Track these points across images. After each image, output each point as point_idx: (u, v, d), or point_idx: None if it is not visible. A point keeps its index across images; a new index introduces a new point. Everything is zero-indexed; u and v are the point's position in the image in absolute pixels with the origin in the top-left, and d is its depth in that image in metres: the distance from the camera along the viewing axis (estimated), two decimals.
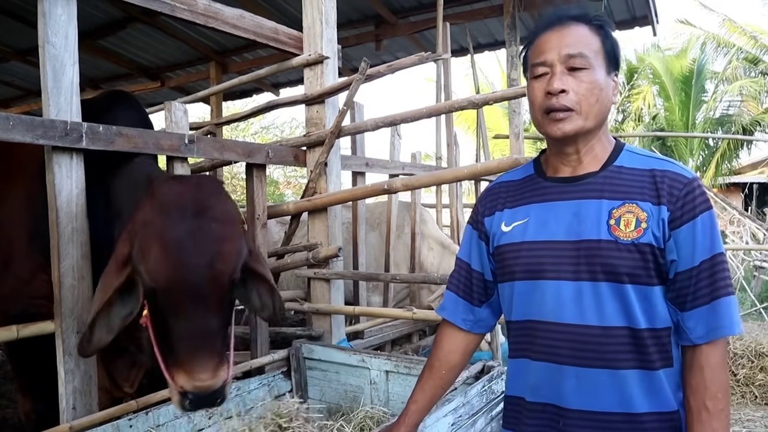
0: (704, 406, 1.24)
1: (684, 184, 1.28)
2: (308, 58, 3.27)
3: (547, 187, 1.42)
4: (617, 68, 1.38)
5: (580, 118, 1.32)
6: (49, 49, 2.17)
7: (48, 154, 2.18)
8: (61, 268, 2.18)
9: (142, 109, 2.70)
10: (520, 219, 1.43)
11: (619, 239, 1.28)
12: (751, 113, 16.84)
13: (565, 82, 1.31)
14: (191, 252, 1.58)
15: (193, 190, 1.70)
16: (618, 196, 1.32)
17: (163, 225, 1.61)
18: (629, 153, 1.39)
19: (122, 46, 7.39)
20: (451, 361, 1.59)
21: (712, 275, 1.26)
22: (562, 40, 1.33)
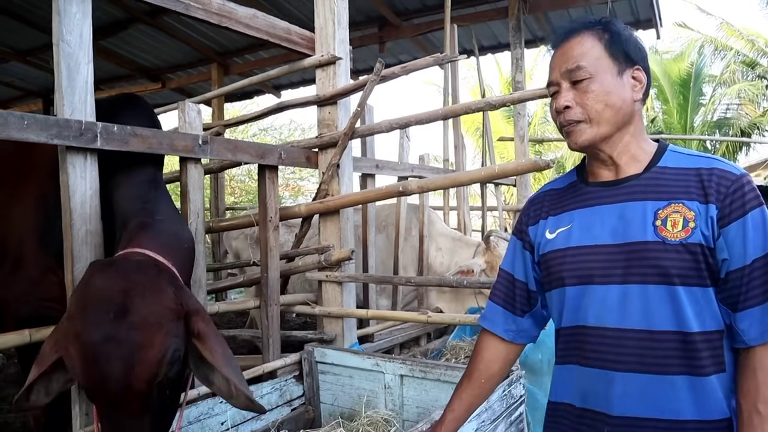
0: (756, 410, 1.19)
1: (732, 181, 1.25)
2: (320, 59, 3.23)
3: (590, 192, 1.41)
4: (634, 63, 1.35)
5: (592, 128, 1.32)
6: (64, 48, 2.13)
7: (62, 155, 2.13)
8: (75, 271, 2.13)
9: (152, 112, 2.65)
10: (564, 225, 1.42)
11: (667, 240, 1.25)
12: (748, 116, 16.88)
13: (567, 98, 1.33)
14: (106, 360, 1.48)
15: (122, 285, 1.58)
16: (663, 197, 1.29)
17: (82, 327, 1.51)
18: (673, 153, 1.36)
19: (123, 47, 7.36)
20: (491, 370, 1.56)
21: (767, 273, 1.21)
22: (563, 57, 1.36)
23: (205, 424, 2.46)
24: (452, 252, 4.49)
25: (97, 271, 1.61)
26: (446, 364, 2.82)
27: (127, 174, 2.29)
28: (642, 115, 1.40)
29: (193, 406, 2.42)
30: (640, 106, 1.37)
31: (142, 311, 1.56)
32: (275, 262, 3.08)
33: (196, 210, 2.65)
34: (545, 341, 3.17)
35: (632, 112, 1.34)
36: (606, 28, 1.35)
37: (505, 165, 2.74)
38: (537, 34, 7.08)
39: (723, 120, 17.17)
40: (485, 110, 2.83)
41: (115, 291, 1.56)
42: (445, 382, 2.64)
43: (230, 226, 3.77)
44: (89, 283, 1.59)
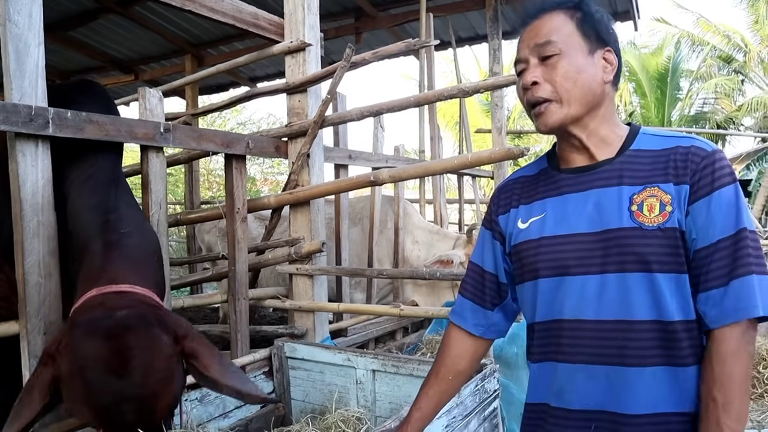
0: (712, 397, 1.14)
1: (702, 157, 1.20)
2: (290, 45, 3.14)
3: (563, 179, 1.34)
4: (606, 44, 1.29)
5: (562, 108, 1.26)
6: (11, 28, 2.01)
7: (11, 142, 2.02)
8: (26, 265, 2.03)
9: (110, 99, 2.54)
10: (536, 214, 1.35)
11: (644, 225, 1.20)
12: (725, 111, 17.11)
13: (535, 73, 1.27)
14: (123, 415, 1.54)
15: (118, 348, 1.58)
16: (638, 181, 1.24)
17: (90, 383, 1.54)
18: (646, 135, 1.31)
19: (94, 38, 7.17)
20: (459, 366, 1.50)
21: (734, 253, 1.15)
22: (532, 32, 1.30)
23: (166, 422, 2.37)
24: (430, 245, 4.42)
25: (86, 335, 1.60)
26: (419, 359, 2.75)
27: (84, 171, 2.17)
28: (613, 100, 1.35)
29: None
30: (611, 89, 1.32)
31: (147, 373, 1.58)
32: (243, 255, 2.99)
33: (158, 201, 2.55)
34: (519, 334, 3.12)
35: (603, 93, 1.29)
36: (579, 6, 1.30)
37: (478, 153, 2.68)
38: (515, 26, 7.02)
39: (700, 114, 17.39)
40: (459, 97, 2.75)
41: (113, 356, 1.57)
42: (418, 377, 2.57)
43: (198, 218, 3.67)
44: (82, 347, 1.58)
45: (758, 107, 16.14)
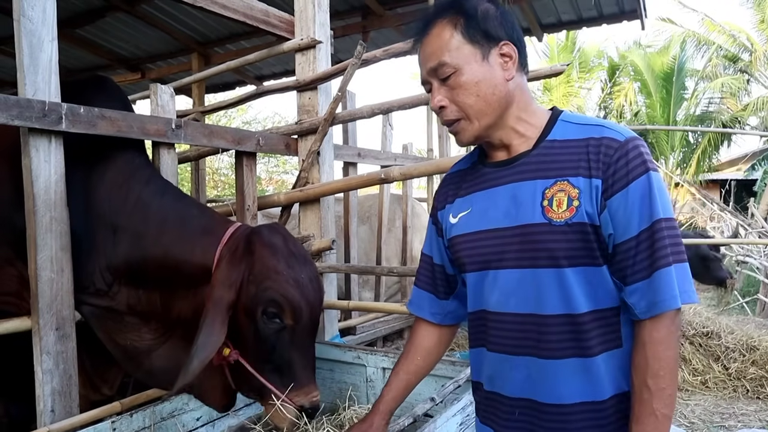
0: (645, 385, 1.17)
1: (616, 149, 1.19)
2: (300, 43, 3.13)
3: (486, 173, 1.36)
4: (499, 39, 1.26)
5: (472, 123, 1.28)
6: (25, 24, 2.01)
7: (24, 137, 2.02)
8: (39, 260, 2.03)
9: (124, 95, 2.54)
10: (464, 210, 1.38)
11: (553, 221, 1.22)
12: (730, 110, 17.03)
13: (439, 97, 1.28)
14: (316, 295, 1.94)
15: (290, 240, 2.00)
16: (551, 174, 1.24)
17: (295, 273, 1.89)
18: (564, 124, 1.30)
19: (101, 36, 7.16)
20: (426, 351, 1.56)
21: (652, 245, 1.16)
22: (425, 54, 1.29)
23: (179, 420, 2.37)
24: None
25: (267, 235, 1.97)
26: None
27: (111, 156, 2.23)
28: (525, 88, 1.34)
29: (166, 402, 2.32)
30: (519, 79, 1.30)
31: (308, 255, 2.05)
32: None
33: None
34: None
35: (508, 92, 1.28)
36: (460, 10, 1.26)
37: None
38: (522, 24, 6.99)
39: (705, 114, 17.31)
40: None
41: (291, 244, 1.98)
42: (428, 375, 2.56)
43: None
44: (271, 243, 1.94)
45: (764, 107, 16.06)
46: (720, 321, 5.35)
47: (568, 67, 3.15)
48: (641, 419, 1.17)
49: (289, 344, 1.89)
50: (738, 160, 19.11)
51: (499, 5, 1.30)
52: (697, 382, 4.80)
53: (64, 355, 2.09)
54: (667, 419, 1.16)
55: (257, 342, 1.90)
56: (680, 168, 17.35)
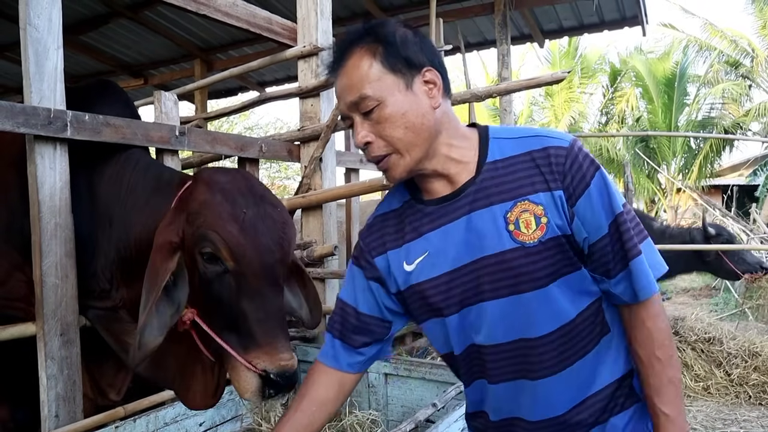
0: (655, 357, 1.20)
1: (566, 156, 1.18)
2: (302, 50, 3.16)
3: (432, 212, 1.27)
4: (421, 66, 1.19)
5: (402, 158, 1.20)
6: (31, 32, 2.04)
7: (30, 144, 2.04)
8: (44, 266, 2.05)
9: (129, 100, 2.56)
10: (420, 254, 1.27)
11: (525, 243, 1.17)
12: (732, 116, 17.03)
13: (363, 133, 1.19)
14: (266, 234, 1.66)
15: (242, 178, 1.78)
16: (506, 197, 1.19)
17: (234, 208, 1.66)
18: (498, 141, 1.25)
19: (105, 42, 7.21)
20: (326, 400, 1.38)
21: (620, 237, 1.18)
22: (342, 86, 1.20)
23: (182, 425, 2.38)
24: None
25: (210, 172, 1.80)
26: (431, 363, 2.76)
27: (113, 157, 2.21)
28: (451, 114, 1.26)
29: (169, 407, 2.34)
30: (445, 106, 1.23)
31: (272, 195, 1.79)
32: None
33: None
34: None
35: (437, 120, 1.20)
36: (377, 37, 1.18)
37: None
38: (523, 31, 7.03)
39: (707, 119, 17.31)
40: (472, 101, 2.76)
41: (241, 181, 1.76)
42: (430, 380, 2.58)
43: None
44: (211, 179, 1.75)
45: (765, 112, 16.07)
46: (722, 327, 5.34)
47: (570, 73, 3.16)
48: (660, 390, 1.20)
49: (237, 293, 1.63)
50: (740, 165, 19.11)
51: (416, 31, 1.24)
52: (699, 388, 4.79)
53: (69, 360, 2.10)
54: (679, 383, 1.21)
55: (205, 294, 1.69)
56: (682, 173, 17.35)
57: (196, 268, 1.68)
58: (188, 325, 1.71)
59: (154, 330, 1.65)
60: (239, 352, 1.61)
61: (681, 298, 9.69)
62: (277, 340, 1.60)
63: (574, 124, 17.80)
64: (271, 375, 1.57)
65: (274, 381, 1.57)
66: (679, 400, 1.20)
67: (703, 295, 9.66)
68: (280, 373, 1.57)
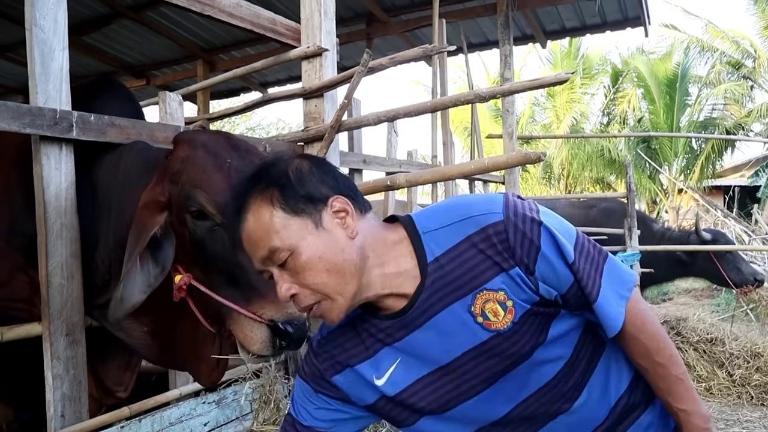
0: (656, 363, 1.19)
1: (505, 230, 1.11)
2: (306, 51, 3.16)
3: (391, 325, 1.19)
4: (326, 199, 1.11)
5: (334, 301, 1.11)
6: (37, 33, 2.04)
7: (35, 145, 2.05)
8: (49, 267, 2.05)
9: (132, 96, 2.57)
10: (389, 365, 1.20)
11: (500, 330, 1.14)
12: (734, 117, 17.04)
13: (285, 286, 1.10)
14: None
15: (224, 136, 1.76)
16: (463, 292, 1.14)
17: (217, 160, 1.62)
18: (429, 235, 1.17)
19: (107, 43, 7.22)
20: None
21: (579, 284, 1.14)
22: (249, 242, 1.12)
23: (187, 425, 2.39)
24: None
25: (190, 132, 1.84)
26: None
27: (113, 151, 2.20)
28: (372, 228, 1.17)
29: (174, 407, 2.35)
30: (364, 226, 1.14)
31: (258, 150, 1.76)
32: None
33: None
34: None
35: (359, 249, 1.12)
36: (270, 181, 1.11)
37: (495, 158, 2.69)
38: (526, 31, 7.04)
39: (709, 120, 17.32)
40: (475, 102, 2.77)
41: (222, 138, 1.75)
42: None
43: None
44: (193, 138, 1.73)
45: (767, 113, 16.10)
46: (724, 327, 5.35)
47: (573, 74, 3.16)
48: (672, 390, 1.19)
49: (233, 248, 1.56)
50: (742, 166, 19.10)
51: (311, 159, 1.18)
52: (702, 388, 4.79)
53: (74, 360, 2.11)
54: (686, 375, 1.20)
55: (199, 254, 1.63)
56: (684, 174, 17.35)
57: (186, 228, 1.62)
58: (185, 291, 1.64)
59: (136, 286, 1.64)
60: (242, 305, 1.54)
61: (683, 298, 9.69)
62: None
63: (576, 125, 17.80)
64: (279, 324, 1.49)
65: (283, 330, 1.49)
66: (692, 392, 1.20)
67: (705, 296, 9.65)
68: (288, 321, 1.49)
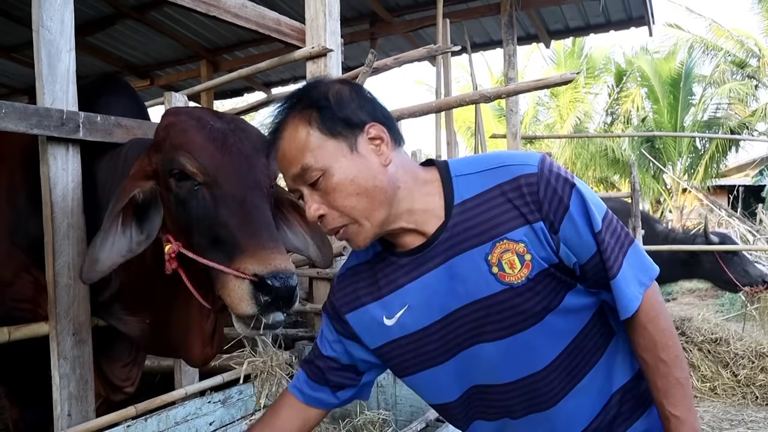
0: (660, 359, 1.15)
1: (537, 183, 1.11)
2: (311, 51, 3.16)
3: (407, 263, 1.21)
4: (363, 124, 1.13)
5: (362, 225, 1.13)
6: (44, 34, 2.05)
7: (42, 145, 2.06)
8: (56, 267, 2.06)
9: (136, 95, 2.57)
10: (399, 308, 1.21)
11: (514, 284, 1.13)
12: (738, 116, 16.99)
13: (315, 206, 1.12)
14: (238, 143, 1.62)
15: (212, 110, 1.78)
16: (483, 239, 1.13)
17: (200, 122, 1.63)
18: (462, 179, 1.18)
19: (111, 44, 7.24)
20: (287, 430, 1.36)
21: (601, 257, 1.12)
22: (284, 160, 1.14)
23: (192, 424, 2.39)
24: None
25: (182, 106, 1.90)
26: None
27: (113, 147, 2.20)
28: (405, 162, 1.19)
29: (180, 407, 2.35)
30: (397, 158, 1.16)
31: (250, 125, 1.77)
32: None
33: None
34: None
35: (390, 177, 1.13)
36: (311, 102, 1.12)
37: None
38: (529, 31, 7.04)
39: (713, 119, 17.27)
40: (480, 102, 2.77)
41: (212, 112, 1.77)
42: None
43: None
44: (180, 109, 1.76)
45: None
46: (728, 327, 5.35)
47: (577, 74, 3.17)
48: (669, 391, 1.15)
49: (214, 206, 1.54)
50: (746, 165, 19.04)
51: (353, 85, 1.19)
52: (706, 388, 4.80)
53: (81, 359, 2.12)
54: (687, 381, 1.17)
55: (185, 217, 1.60)
56: (688, 174, 17.30)
57: (172, 193, 1.61)
58: (176, 261, 1.61)
59: (113, 250, 1.63)
60: (226, 264, 1.48)
61: (687, 298, 9.69)
62: (266, 243, 1.47)
63: (579, 125, 17.77)
64: (265, 279, 1.41)
65: (268, 285, 1.41)
66: (689, 401, 1.16)
67: (709, 296, 9.65)
68: (273, 274, 1.41)
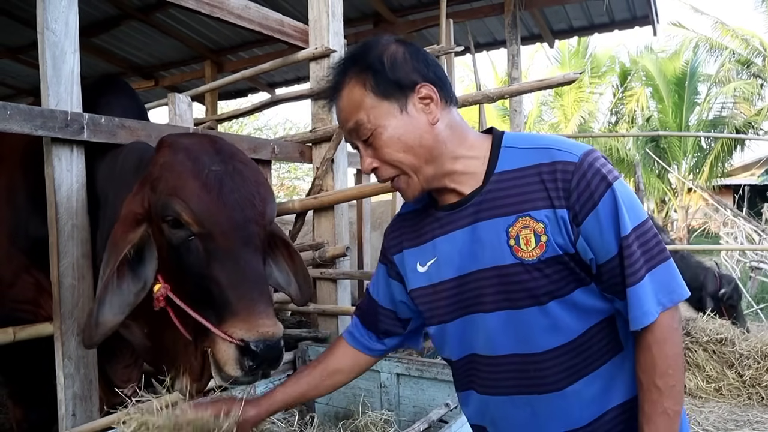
0: (654, 385, 1.13)
1: (572, 172, 1.13)
2: (314, 52, 3.17)
3: (442, 217, 1.28)
4: (414, 84, 1.18)
5: (411, 178, 1.22)
6: (49, 36, 2.06)
7: (47, 147, 2.07)
8: (61, 267, 2.07)
9: (136, 96, 2.58)
10: (430, 258, 1.30)
11: (525, 260, 1.16)
12: (743, 115, 16.91)
13: (368, 160, 1.22)
14: (235, 191, 1.54)
15: (209, 139, 1.67)
16: (510, 211, 1.18)
17: (196, 165, 1.54)
18: (509, 150, 1.23)
19: (116, 45, 7.26)
20: (337, 372, 1.47)
21: (622, 262, 1.12)
22: (340, 115, 1.24)
23: None
24: None
25: (175, 136, 1.69)
26: (443, 363, 2.75)
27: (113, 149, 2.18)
28: (456, 121, 1.25)
29: None
30: (447, 116, 1.22)
31: (243, 155, 1.67)
32: None
33: None
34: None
35: (437, 136, 1.20)
36: (366, 65, 1.19)
37: None
38: (533, 31, 7.02)
39: (718, 119, 17.21)
40: (484, 102, 2.77)
41: (208, 142, 1.65)
42: (442, 381, 2.58)
43: None
44: (176, 142, 1.64)
45: None
46: (734, 328, 5.32)
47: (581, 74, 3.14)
48: (653, 418, 1.13)
49: (207, 259, 1.51)
50: (752, 165, 18.98)
51: (407, 45, 1.23)
52: (711, 389, 4.77)
53: (85, 360, 2.13)
54: (677, 416, 1.14)
55: (175, 265, 1.58)
56: (693, 173, 17.25)
57: (164, 237, 1.58)
58: (163, 302, 1.60)
59: (113, 308, 1.59)
60: (214, 323, 1.47)
61: None
62: (256, 306, 1.47)
63: (584, 124, 17.74)
64: (251, 345, 1.42)
65: (252, 351, 1.42)
66: None
67: None
68: (259, 341, 1.43)
